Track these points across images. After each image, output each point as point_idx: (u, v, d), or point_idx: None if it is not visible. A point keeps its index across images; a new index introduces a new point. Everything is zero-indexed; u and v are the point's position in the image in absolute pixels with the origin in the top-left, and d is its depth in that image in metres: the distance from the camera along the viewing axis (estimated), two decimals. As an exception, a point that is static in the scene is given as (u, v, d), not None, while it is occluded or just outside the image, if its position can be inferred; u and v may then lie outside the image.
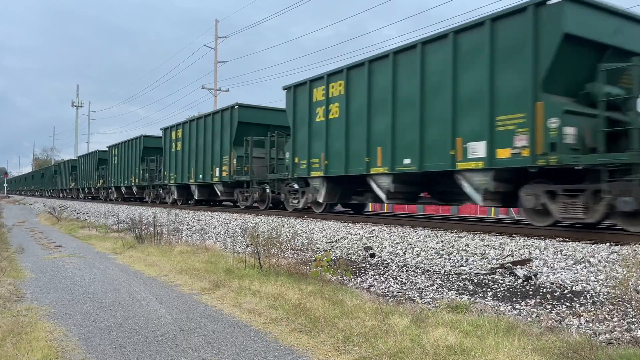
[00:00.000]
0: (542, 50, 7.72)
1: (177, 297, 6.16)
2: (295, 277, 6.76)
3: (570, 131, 7.48)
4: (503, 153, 8.21)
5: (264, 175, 15.91)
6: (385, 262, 7.77)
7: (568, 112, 7.52)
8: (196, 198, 20.70)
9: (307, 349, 4.13)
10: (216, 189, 18.84)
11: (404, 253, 7.97)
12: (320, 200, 13.08)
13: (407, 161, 10.07)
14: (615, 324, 4.43)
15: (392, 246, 8.41)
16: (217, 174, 18.21)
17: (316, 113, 12.85)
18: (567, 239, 7.37)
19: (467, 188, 9.03)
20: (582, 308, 4.90)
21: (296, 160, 13.64)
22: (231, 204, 21.35)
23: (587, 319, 4.61)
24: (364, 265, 7.75)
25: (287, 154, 14.13)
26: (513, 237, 7.86)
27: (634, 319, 4.44)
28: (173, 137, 22.35)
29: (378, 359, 3.79)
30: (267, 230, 10.49)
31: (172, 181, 22.15)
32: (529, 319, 4.78)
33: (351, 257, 8.32)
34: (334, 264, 6.91)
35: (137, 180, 26.46)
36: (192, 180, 20.24)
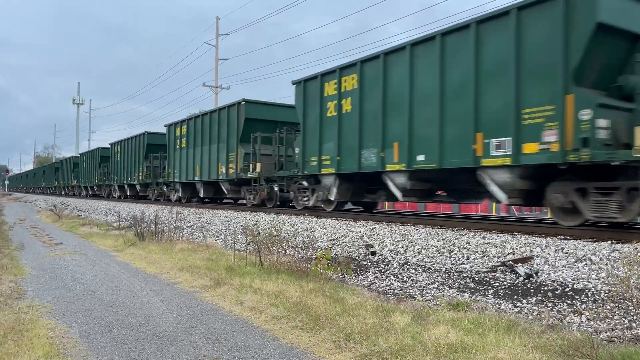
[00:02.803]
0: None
1: (178, 295, 6.17)
2: (296, 274, 6.76)
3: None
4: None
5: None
6: (386, 259, 7.76)
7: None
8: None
9: (308, 347, 4.13)
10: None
11: (405, 251, 7.97)
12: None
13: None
14: (616, 322, 4.42)
15: (393, 244, 8.41)
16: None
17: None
18: (568, 237, 7.35)
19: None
20: (584, 306, 4.90)
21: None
22: (232, 201, 21.42)
23: (588, 317, 4.60)
24: (365, 263, 7.75)
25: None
26: (514, 235, 7.85)
27: (635, 317, 4.44)
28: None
29: (379, 356, 3.79)
30: (268, 228, 10.49)
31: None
32: (530, 317, 4.77)
33: (352, 255, 8.31)
34: (334, 262, 6.91)
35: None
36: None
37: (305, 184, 13.86)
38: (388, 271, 7.10)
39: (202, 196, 20.61)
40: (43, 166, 69.87)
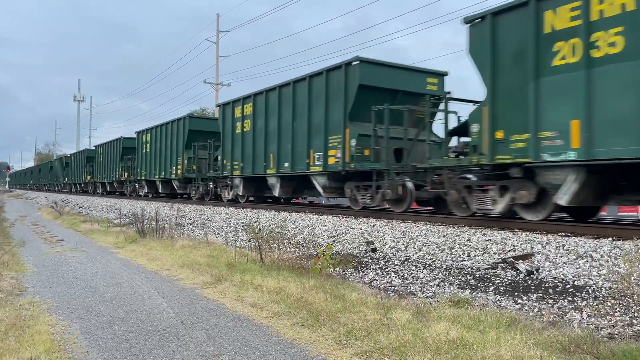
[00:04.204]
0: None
1: (179, 291, 6.17)
2: (297, 271, 6.76)
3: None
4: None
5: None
6: (387, 256, 7.77)
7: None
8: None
9: (309, 343, 4.13)
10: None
11: (405, 247, 7.97)
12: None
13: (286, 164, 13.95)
14: (617, 318, 4.42)
15: (393, 241, 8.41)
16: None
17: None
18: (569, 234, 7.35)
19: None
20: (584, 303, 4.90)
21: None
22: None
23: (589, 314, 4.60)
24: (365, 259, 7.75)
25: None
26: (515, 231, 7.84)
27: (636, 314, 4.44)
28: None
29: (380, 353, 3.79)
30: (269, 225, 10.49)
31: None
32: (530, 314, 4.77)
33: (353, 252, 8.32)
34: (335, 259, 6.91)
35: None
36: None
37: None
38: (389, 268, 7.10)
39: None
40: (50, 161, 63.29)
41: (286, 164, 14.19)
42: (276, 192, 15.14)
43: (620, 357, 3.37)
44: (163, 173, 23.04)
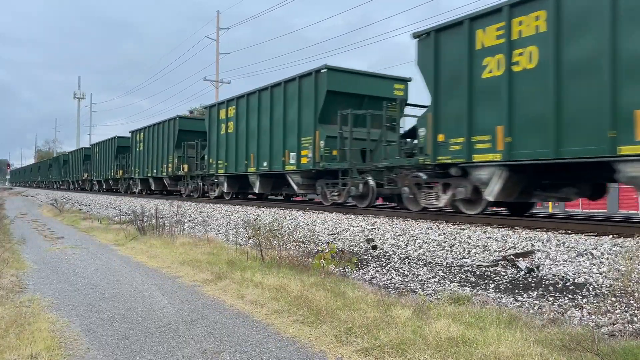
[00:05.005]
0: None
1: (180, 289, 6.18)
2: (298, 269, 6.76)
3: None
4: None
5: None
6: (387, 254, 7.76)
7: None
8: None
9: (309, 340, 4.13)
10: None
11: (406, 245, 7.97)
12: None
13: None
14: (617, 316, 4.42)
15: (394, 238, 8.40)
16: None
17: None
18: (569, 232, 7.35)
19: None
20: (585, 300, 4.90)
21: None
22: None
23: (590, 311, 4.60)
24: (365, 257, 7.75)
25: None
26: (515, 229, 7.84)
27: (636, 311, 4.43)
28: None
29: (380, 350, 3.79)
30: (269, 223, 10.49)
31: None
32: (531, 311, 4.78)
33: (353, 249, 8.32)
34: (337, 257, 6.91)
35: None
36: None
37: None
38: (389, 265, 7.10)
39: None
40: (62, 154, 52.62)
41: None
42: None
43: (620, 355, 3.37)
44: (265, 164, 14.88)
